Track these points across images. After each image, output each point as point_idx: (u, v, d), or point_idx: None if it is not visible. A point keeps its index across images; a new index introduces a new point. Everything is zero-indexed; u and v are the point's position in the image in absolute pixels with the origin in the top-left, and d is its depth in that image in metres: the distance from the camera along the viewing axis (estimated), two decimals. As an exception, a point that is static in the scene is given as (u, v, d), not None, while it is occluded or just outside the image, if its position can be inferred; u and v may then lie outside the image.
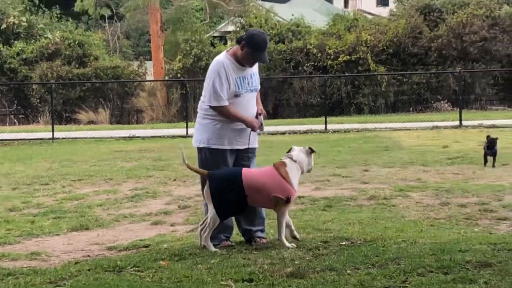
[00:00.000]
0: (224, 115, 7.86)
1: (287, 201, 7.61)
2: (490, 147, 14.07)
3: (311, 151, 7.96)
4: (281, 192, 7.59)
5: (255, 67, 8.06)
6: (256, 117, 7.99)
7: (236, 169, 7.83)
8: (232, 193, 7.53)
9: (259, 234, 8.00)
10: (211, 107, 7.86)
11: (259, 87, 8.14)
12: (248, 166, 8.02)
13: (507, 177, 12.91)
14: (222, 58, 7.90)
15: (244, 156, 8.09)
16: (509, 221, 9.01)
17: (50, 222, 10.25)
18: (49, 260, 7.98)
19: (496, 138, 14.13)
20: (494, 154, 14.05)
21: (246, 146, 8.05)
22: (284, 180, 7.63)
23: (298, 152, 7.95)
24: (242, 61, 7.86)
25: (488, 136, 13.99)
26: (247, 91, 7.93)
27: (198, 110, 8.23)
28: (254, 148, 8.20)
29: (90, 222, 10.08)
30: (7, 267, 7.46)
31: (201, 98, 8.15)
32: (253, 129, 7.92)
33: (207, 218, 7.73)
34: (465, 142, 19.87)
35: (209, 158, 8.02)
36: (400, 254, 6.90)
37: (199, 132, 8.14)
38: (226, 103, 7.80)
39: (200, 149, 8.13)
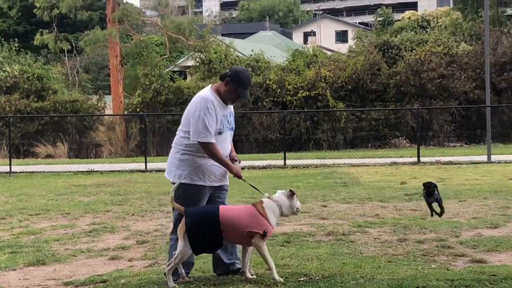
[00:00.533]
0: (209, 152, 7.86)
1: (263, 235, 7.63)
2: (429, 194, 11.69)
3: (291, 193, 7.97)
4: (257, 226, 7.64)
5: (231, 106, 8.15)
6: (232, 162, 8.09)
7: (213, 206, 7.89)
8: (209, 228, 7.52)
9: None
10: (199, 143, 7.83)
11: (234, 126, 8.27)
12: (223, 203, 8.13)
13: (464, 213, 13.02)
14: (209, 95, 7.95)
15: (219, 193, 8.16)
16: (466, 258, 9.08)
17: (6, 257, 10.13)
18: (4, 295, 7.89)
19: (434, 184, 11.59)
20: (438, 201, 11.59)
21: (223, 183, 8.14)
22: (260, 215, 7.68)
23: (279, 194, 8.08)
24: (225, 98, 7.96)
25: (424, 184, 11.75)
26: (227, 129, 8.05)
27: (175, 145, 8.19)
28: (227, 185, 8.26)
29: (47, 257, 9.98)
30: (-38, 303, 7.36)
31: (179, 133, 8.15)
32: (239, 177, 7.97)
33: (175, 253, 7.70)
34: (423, 178, 19.97)
35: (189, 193, 7.95)
36: (358, 290, 6.93)
37: (177, 167, 8.05)
38: (213, 140, 7.84)
39: (179, 185, 8.02)
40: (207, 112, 7.83)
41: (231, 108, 8.13)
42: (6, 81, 39.65)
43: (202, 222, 7.54)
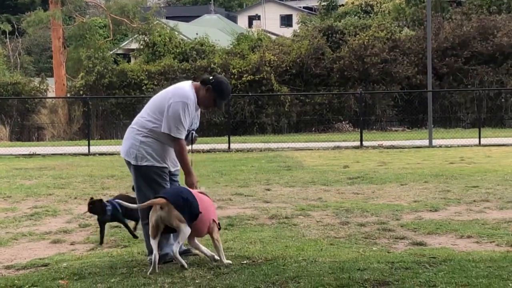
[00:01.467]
0: (179, 148, 7.85)
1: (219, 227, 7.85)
2: (96, 212, 9.71)
3: None
4: (215, 216, 7.71)
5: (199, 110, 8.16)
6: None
7: (183, 187, 7.86)
8: (194, 207, 7.47)
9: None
10: (171, 137, 7.80)
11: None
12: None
13: (406, 197, 13.18)
14: (192, 96, 7.90)
15: (173, 177, 8.18)
16: (407, 240, 9.20)
17: None
18: None
19: (100, 201, 9.71)
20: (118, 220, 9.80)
21: (177, 168, 8.16)
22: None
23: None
24: (201, 102, 7.97)
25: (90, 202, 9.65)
26: (194, 129, 8.18)
27: (136, 127, 8.07)
28: (178, 169, 8.26)
29: (-13, 241, 9.88)
30: None
31: (145, 116, 8.03)
32: (191, 187, 7.86)
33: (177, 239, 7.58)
34: (365, 162, 20.21)
35: (152, 175, 7.93)
36: (300, 273, 6.98)
37: (137, 149, 7.96)
38: (183, 137, 7.86)
39: (141, 167, 7.95)
40: (186, 110, 7.79)
41: (199, 110, 8.16)
42: None
43: (188, 201, 7.46)
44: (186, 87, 7.97)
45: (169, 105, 7.80)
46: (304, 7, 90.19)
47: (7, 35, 55.24)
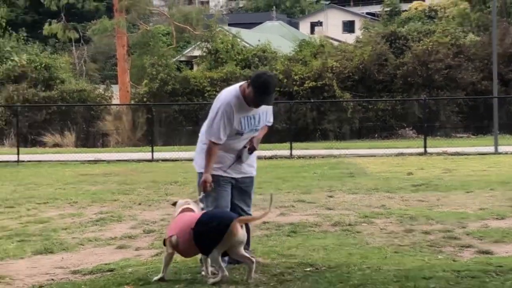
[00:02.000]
0: (208, 150, 7.78)
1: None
2: None
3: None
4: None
5: (264, 107, 7.90)
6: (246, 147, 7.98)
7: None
8: None
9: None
10: (207, 138, 7.83)
11: (266, 124, 8.08)
12: (249, 195, 8.14)
13: (471, 205, 13.01)
14: (232, 96, 7.80)
15: (242, 185, 8.10)
16: (473, 249, 9.08)
17: (15, 246, 10.17)
18: (13, 283, 7.93)
19: None
20: None
21: (242, 175, 8.04)
22: None
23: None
24: (247, 100, 7.74)
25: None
26: (251, 130, 7.91)
27: (201, 133, 8.12)
28: (252, 177, 8.16)
29: (54, 246, 10.02)
30: (-30, 291, 7.41)
31: (204, 123, 8.06)
32: (203, 189, 7.80)
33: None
34: (430, 169, 20.01)
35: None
36: (365, 281, 6.94)
37: (198, 154, 8.06)
38: (218, 142, 7.74)
39: (199, 174, 8.03)
40: (224, 114, 7.71)
41: (261, 109, 7.87)
42: (14, 70, 39.73)
43: None
44: (231, 90, 7.93)
45: (212, 109, 7.87)
46: (366, 13, 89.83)
47: (73, 43, 56.03)
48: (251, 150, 8.00)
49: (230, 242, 7.12)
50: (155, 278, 7.51)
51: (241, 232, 7.15)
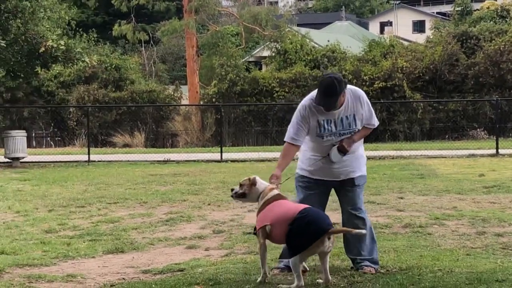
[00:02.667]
0: (283, 148, 7.86)
1: None
2: None
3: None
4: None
5: (352, 109, 7.81)
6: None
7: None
8: None
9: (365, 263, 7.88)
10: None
11: (355, 129, 7.85)
12: (351, 197, 7.96)
13: (545, 207, 12.78)
14: (308, 100, 7.79)
15: (345, 186, 7.97)
16: (547, 252, 8.91)
17: (86, 245, 10.30)
18: (84, 282, 8.02)
19: None
20: None
21: (334, 179, 7.89)
22: None
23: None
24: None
25: None
26: (332, 133, 7.76)
27: None
28: (352, 179, 7.93)
29: (125, 245, 10.12)
30: (43, 289, 7.52)
31: None
32: (269, 181, 7.69)
33: None
34: (502, 170, 19.71)
35: (295, 183, 8.07)
36: (436, 283, 6.86)
37: (300, 160, 8.14)
38: (289, 141, 7.77)
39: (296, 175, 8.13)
40: (298, 116, 7.73)
41: (344, 113, 7.76)
42: (85, 71, 40.29)
43: None
44: (312, 93, 7.89)
45: None
46: (437, 13, 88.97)
47: (143, 44, 56.61)
48: (341, 149, 7.78)
49: (314, 251, 7.05)
50: (259, 279, 7.40)
51: (327, 244, 7.02)
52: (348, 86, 7.87)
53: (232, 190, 7.76)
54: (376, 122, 8.12)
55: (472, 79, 36.23)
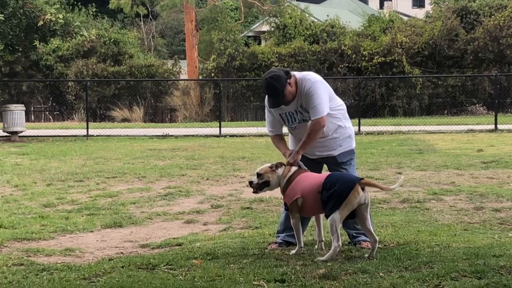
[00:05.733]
0: (272, 141, 8.09)
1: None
2: None
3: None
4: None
5: (305, 101, 7.64)
6: None
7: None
8: None
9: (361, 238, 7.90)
10: None
11: (314, 117, 7.62)
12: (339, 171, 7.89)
13: (543, 182, 12.79)
14: (266, 98, 7.88)
15: (332, 167, 7.94)
16: (544, 227, 8.93)
17: (84, 219, 10.32)
18: (83, 256, 8.05)
19: None
20: None
21: (321, 154, 7.84)
22: None
23: None
24: None
25: None
26: (297, 123, 7.76)
27: None
28: (333, 157, 7.87)
29: (123, 220, 10.14)
30: (42, 263, 7.54)
31: None
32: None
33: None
34: (500, 146, 19.72)
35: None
36: (434, 258, 6.87)
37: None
38: (270, 134, 7.98)
39: None
40: (267, 112, 7.89)
41: (300, 101, 7.66)
42: (84, 45, 40.13)
43: None
44: None
45: None
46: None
47: (142, 18, 56.38)
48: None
49: (352, 204, 7.07)
50: (292, 251, 7.43)
51: (363, 195, 7.11)
52: (300, 74, 7.73)
53: (250, 183, 7.64)
54: (318, 115, 7.60)
55: (471, 54, 36.13)
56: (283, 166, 7.54)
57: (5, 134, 26.13)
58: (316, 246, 7.67)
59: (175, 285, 6.24)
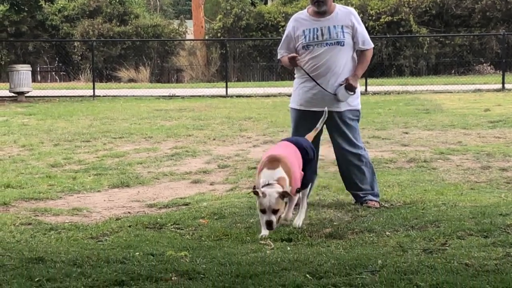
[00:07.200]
0: (283, 64, 7.98)
1: None
2: None
3: None
4: None
5: (341, 20, 7.70)
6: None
7: None
8: None
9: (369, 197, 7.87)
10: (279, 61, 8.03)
11: (343, 40, 7.67)
12: (344, 133, 7.81)
13: (550, 142, 12.77)
14: (294, 15, 7.95)
15: (335, 122, 7.82)
16: (551, 186, 8.92)
17: (92, 179, 10.35)
18: (90, 216, 8.07)
19: None
20: None
21: (321, 109, 7.64)
22: None
23: None
24: (311, 3, 7.74)
25: None
26: (319, 42, 7.64)
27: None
28: (339, 112, 7.79)
29: (130, 180, 10.16)
30: (50, 222, 7.57)
31: None
32: (291, 59, 7.61)
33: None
34: (507, 105, 19.66)
35: (291, 117, 8.06)
36: (440, 217, 6.87)
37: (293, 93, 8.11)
38: (279, 56, 7.93)
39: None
40: (286, 31, 7.87)
41: (331, 21, 7.65)
42: (89, 5, 39.99)
43: None
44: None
45: None
46: None
47: (147, -22, 56.15)
48: (348, 88, 7.68)
49: None
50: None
51: None
52: (340, 5, 7.95)
53: (270, 224, 6.44)
54: (370, 44, 7.88)
55: (479, 13, 35.89)
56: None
57: (12, 94, 26.15)
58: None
59: (182, 244, 6.26)
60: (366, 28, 8.11)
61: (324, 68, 7.65)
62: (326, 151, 8.99)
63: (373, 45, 7.93)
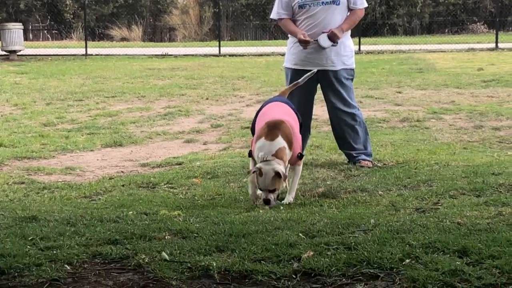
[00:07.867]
0: (282, 28, 7.87)
1: None
2: None
3: None
4: None
5: None
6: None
7: None
8: None
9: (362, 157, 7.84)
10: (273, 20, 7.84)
11: (362, 6, 7.72)
12: (337, 92, 7.76)
13: (542, 101, 12.78)
14: None
15: (328, 81, 7.77)
16: (543, 145, 8.94)
17: (84, 138, 10.34)
18: (83, 175, 8.08)
19: None
20: None
21: (319, 68, 7.60)
22: None
23: None
24: None
25: None
26: (315, 4, 7.56)
27: None
28: (334, 71, 7.75)
29: (123, 139, 10.16)
30: (43, 181, 7.57)
31: None
32: (300, 40, 7.51)
33: None
34: (501, 65, 19.63)
35: (286, 77, 7.96)
36: (432, 176, 6.88)
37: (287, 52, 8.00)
38: (281, 16, 7.70)
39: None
40: None
41: None
42: (81, -38, 39.74)
43: None
44: None
45: None
46: None
47: None
48: (330, 36, 7.56)
49: None
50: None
51: None
52: None
53: (267, 202, 6.12)
54: (363, 4, 7.80)
55: (473, -28, 35.79)
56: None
57: (4, 52, 26.01)
58: None
59: (175, 203, 6.27)
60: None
61: (320, 28, 7.59)
62: (319, 110, 8.98)
63: (366, 5, 7.86)
